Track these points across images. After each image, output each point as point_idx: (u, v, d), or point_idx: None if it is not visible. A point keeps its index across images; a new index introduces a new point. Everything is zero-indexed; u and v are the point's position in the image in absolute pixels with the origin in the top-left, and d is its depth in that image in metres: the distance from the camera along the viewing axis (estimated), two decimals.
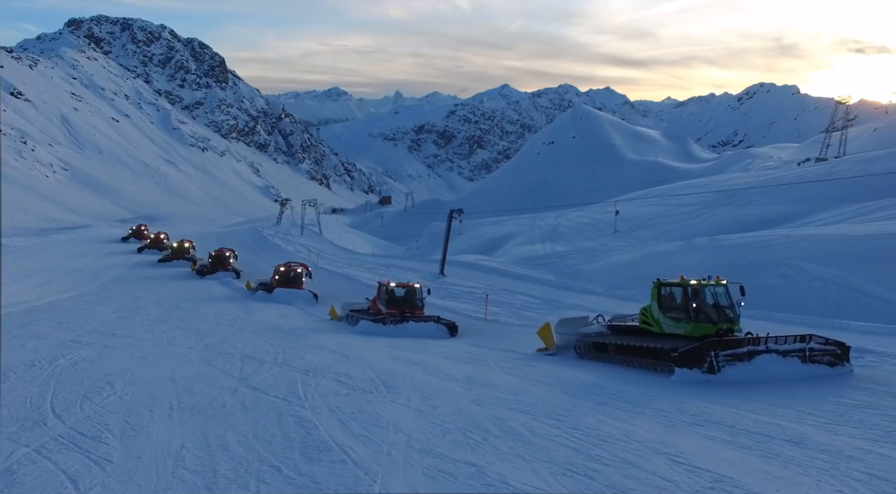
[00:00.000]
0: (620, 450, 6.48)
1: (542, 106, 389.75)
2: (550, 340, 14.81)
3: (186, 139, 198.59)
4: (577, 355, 14.28)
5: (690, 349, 11.00)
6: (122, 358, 12.70)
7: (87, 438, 7.20)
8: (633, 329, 13.67)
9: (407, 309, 20.20)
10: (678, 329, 12.36)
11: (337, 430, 7.32)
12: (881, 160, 55.51)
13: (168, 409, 8.50)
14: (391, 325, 18.75)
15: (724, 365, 10.72)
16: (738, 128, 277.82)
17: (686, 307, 12.20)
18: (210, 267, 37.49)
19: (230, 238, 64.18)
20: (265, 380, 10.42)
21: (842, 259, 27.03)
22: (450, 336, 18.63)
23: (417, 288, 21.34)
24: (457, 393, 9.36)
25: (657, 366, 12.01)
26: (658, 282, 13.31)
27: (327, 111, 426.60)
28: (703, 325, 12.00)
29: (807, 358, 11.07)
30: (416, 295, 20.96)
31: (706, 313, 12.12)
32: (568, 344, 14.65)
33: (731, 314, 12.15)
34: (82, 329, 17.09)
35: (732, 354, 10.90)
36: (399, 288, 21.17)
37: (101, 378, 10.55)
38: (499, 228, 68.10)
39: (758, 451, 6.62)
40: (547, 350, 14.79)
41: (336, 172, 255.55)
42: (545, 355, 14.57)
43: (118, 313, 21.75)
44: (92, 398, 9.12)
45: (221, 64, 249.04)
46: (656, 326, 12.83)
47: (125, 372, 11.10)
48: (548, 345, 14.83)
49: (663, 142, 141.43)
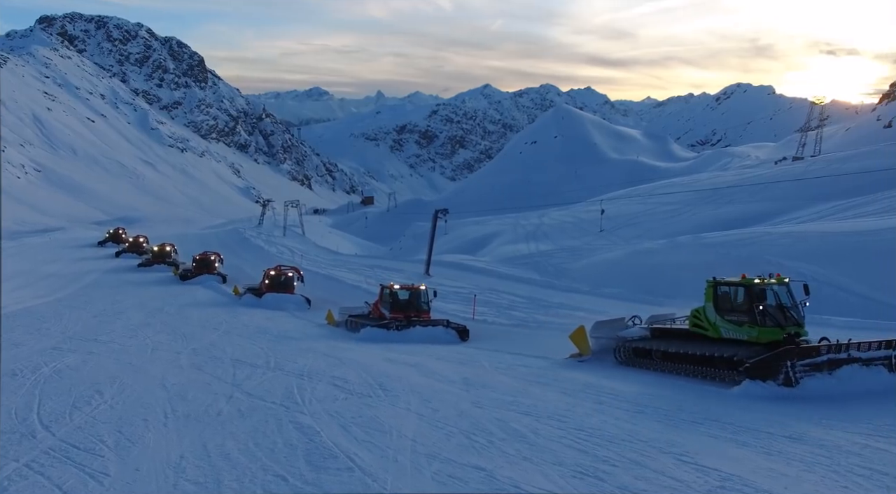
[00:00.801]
0: (626, 450, 6.50)
1: (523, 106, 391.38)
2: (585, 345, 13.48)
3: (165, 139, 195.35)
4: (616, 361, 13.04)
5: (764, 358, 9.75)
6: (108, 365, 12.34)
7: (80, 450, 6.95)
8: (680, 332, 12.43)
9: (412, 313, 19.01)
10: (740, 333, 11.12)
11: (339, 436, 7.21)
12: (854, 159, 56.83)
13: (163, 418, 8.26)
14: (396, 331, 17.65)
15: (802, 377, 9.48)
16: (716, 128, 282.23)
17: (750, 309, 10.95)
18: (194, 271, 36.29)
19: (211, 240, 63.27)
20: (260, 386, 10.22)
21: (819, 255, 27.58)
22: (460, 340, 17.53)
23: (423, 291, 20.11)
24: (455, 395, 9.30)
25: (716, 376, 10.77)
26: (714, 281, 11.94)
27: (308, 111, 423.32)
28: (770, 330, 10.81)
29: (893, 367, 9.96)
30: (422, 298, 19.74)
31: (773, 316, 10.97)
32: (605, 349, 13.39)
33: (797, 316, 11.09)
34: (63, 335, 16.60)
35: (811, 364, 9.65)
36: (403, 291, 19.92)
37: (88, 386, 10.23)
38: (482, 228, 68.23)
39: (760, 448, 6.70)
40: (581, 356, 13.47)
41: (318, 173, 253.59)
42: (578, 361, 13.29)
43: (99, 318, 21.17)
44: (81, 408, 8.82)
45: (200, 63, 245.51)
46: (712, 330, 11.55)
47: (113, 379, 10.78)
48: (582, 351, 13.50)
49: (644, 141, 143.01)
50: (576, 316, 22.70)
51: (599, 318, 14.29)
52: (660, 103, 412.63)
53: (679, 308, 14.49)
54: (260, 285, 28.48)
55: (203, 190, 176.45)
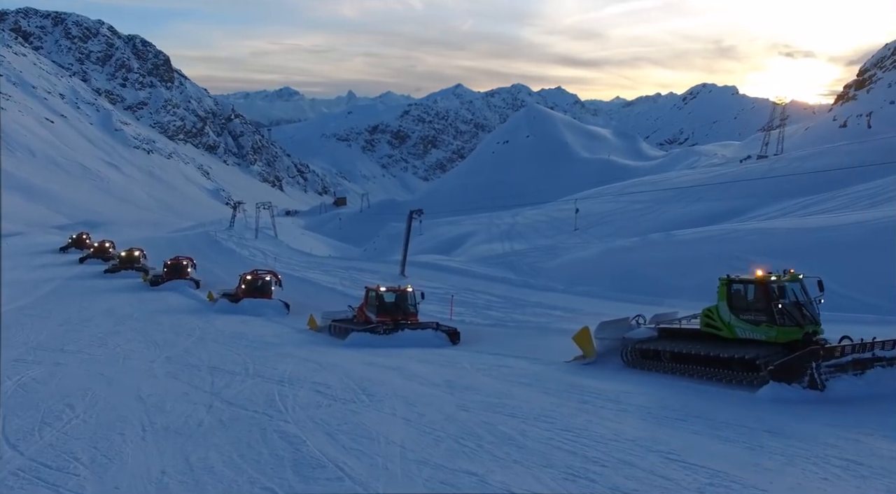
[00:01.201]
0: (615, 450, 6.55)
1: (495, 105, 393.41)
2: (590, 347, 12.87)
3: (130, 141, 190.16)
4: (623, 363, 12.52)
5: (788, 360, 9.32)
6: (78, 377, 11.81)
7: (52, 470, 6.58)
8: (690, 333, 11.89)
9: (400, 316, 18.34)
10: (757, 333, 10.65)
11: (326, 444, 7.06)
12: (814, 157, 58.78)
13: (140, 431, 7.93)
14: (384, 335, 16.99)
15: (828, 379, 9.10)
16: (683, 127, 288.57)
17: (768, 307, 10.49)
18: (165, 276, 35.06)
19: (181, 243, 61.82)
20: (240, 394, 9.95)
21: (786, 251, 28.33)
22: (451, 343, 16.98)
23: (410, 293, 19.37)
24: (440, 399, 9.25)
25: (733, 379, 10.31)
26: (727, 279, 11.35)
27: (279, 111, 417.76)
28: (789, 329, 10.38)
29: None
30: (409, 301, 19.05)
31: (791, 315, 10.52)
32: (610, 350, 12.83)
33: (813, 314, 10.71)
34: (26, 346, 15.82)
35: (835, 365, 9.27)
36: (389, 293, 19.19)
37: (58, 400, 9.74)
38: (456, 228, 68.33)
39: (742, 443, 6.83)
40: (585, 358, 12.90)
41: (289, 174, 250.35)
42: (583, 364, 12.74)
43: (65, 326, 20.32)
44: (51, 423, 8.36)
45: (166, 62, 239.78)
46: (726, 330, 11.03)
47: (85, 391, 10.32)
48: (586, 353, 12.91)
49: (614, 140, 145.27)
50: (553, 315, 22.88)
51: (603, 318, 13.56)
52: (629, 103, 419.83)
53: (681, 307, 14.16)
54: (236, 290, 27.69)
55: (171, 192, 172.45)
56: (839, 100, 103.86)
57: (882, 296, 22.77)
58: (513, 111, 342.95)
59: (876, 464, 6.10)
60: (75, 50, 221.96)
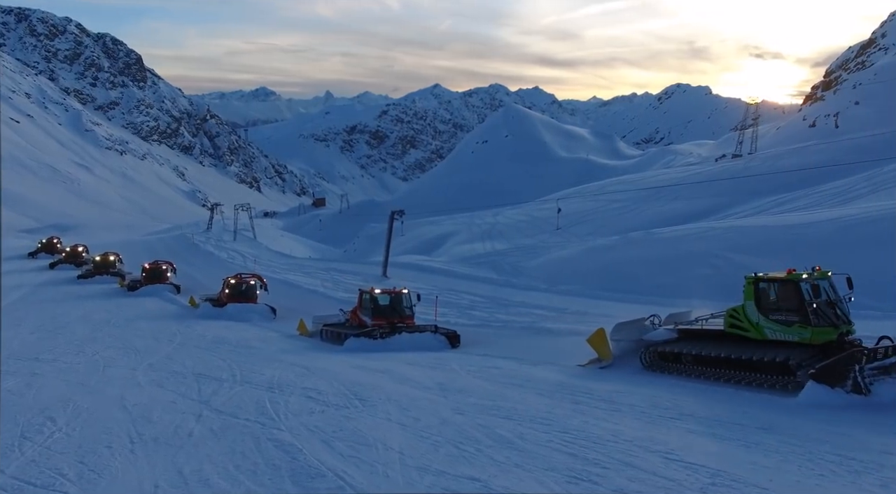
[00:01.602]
0: (614, 451, 6.57)
1: (473, 105, 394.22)
2: (606, 349, 12.31)
3: (102, 141, 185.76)
4: (642, 366, 11.99)
5: (831, 363, 8.83)
6: (56, 387, 11.33)
7: (37, 488, 6.25)
8: (712, 334, 11.32)
9: (396, 319, 17.78)
10: (789, 335, 10.14)
11: (323, 452, 6.92)
12: (786, 156, 60.19)
13: (129, 443, 7.63)
14: (381, 339, 16.35)
15: (872, 382, 8.64)
16: (658, 126, 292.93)
17: (801, 307, 10.00)
18: (144, 281, 33.88)
19: (158, 246, 60.63)
20: (229, 401, 9.71)
21: (763, 248, 28.93)
22: (451, 347, 16.42)
23: (405, 295, 18.73)
24: (434, 402, 9.17)
25: (764, 382, 9.85)
26: (755, 277, 10.78)
27: (255, 112, 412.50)
28: (824, 330, 9.91)
29: None
30: (404, 303, 18.48)
31: (825, 314, 10.07)
32: (627, 352, 12.34)
33: (845, 313, 10.33)
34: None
35: (878, 367, 8.85)
36: (384, 296, 18.56)
37: (36, 412, 9.28)
38: (437, 228, 68.30)
39: (737, 441, 6.91)
40: (601, 361, 12.30)
41: (266, 175, 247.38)
42: (599, 368, 12.16)
43: (37, 334, 19.55)
44: (32, 438, 7.92)
45: (138, 62, 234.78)
46: (754, 332, 10.50)
47: (65, 402, 9.88)
48: (602, 356, 12.33)
49: (592, 140, 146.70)
50: (536, 315, 22.96)
51: (621, 320, 12.88)
52: (605, 103, 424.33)
53: (695, 307, 13.71)
54: (219, 295, 26.88)
55: (145, 194, 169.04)
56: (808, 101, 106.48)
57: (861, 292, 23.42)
58: (491, 111, 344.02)
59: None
60: (41, 48, 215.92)
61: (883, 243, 24.65)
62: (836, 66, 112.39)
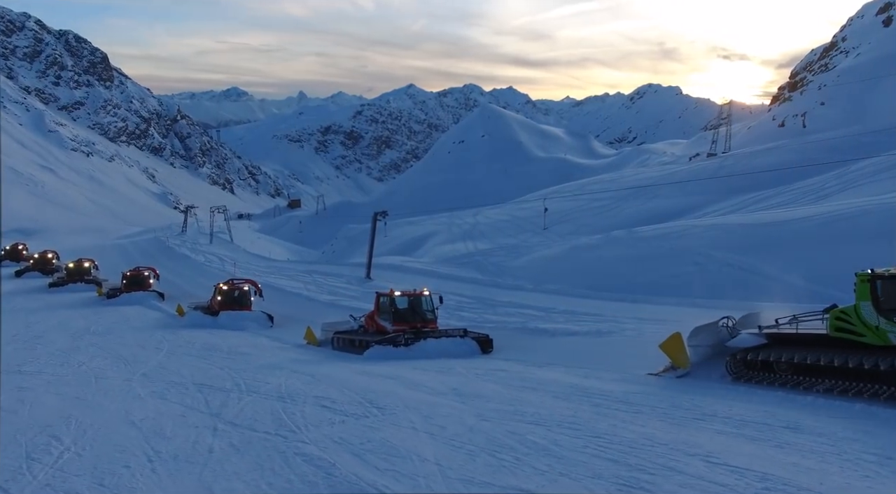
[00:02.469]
0: (654, 456, 6.43)
1: (448, 105, 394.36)
2: (683, 356, 11.07)
3: (66, 143, 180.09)
4: (729, 376, 10.76)
5: None
6: (51, 401, 10.62)
7: None
8: (812, 339, 10.17)
9: (418, 323, 16.53)
10: None
11: (357, 466, 6.57)
12: (760, 155, 61.58)
13: (147, 462, 7.12)
14: (406, 346, 15.09)
15: None
16: (631, 126, 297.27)
17: None
18: (124, 288, 32.04)
19: (132, 250, 59.06)
20: (241, 413, 9.23)
21: (743, 246, 29.48)
22: (482, 352, 15.24)
23: (426, 297, 17.37)
24: (454, 408, 8.90)
25: (883, 394, 8.81)
26: (871, 274, 9.56)
27: (227, 112, 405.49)
28: None
29: None
30: (425, 305, 17.12)
31: None
32: (707, 359, 11.18)
33: None
34: None
35: None
36: (402, 298, 17.24)
37: (38, 430, 8.57)
38: (416, 228, 68.03)
39: (770, 442, 6.83)
40: (678, 369, 11.09)
41: (240, 176, 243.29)
42: (676, 377, 10.97)
43: (13, 344, 18.50)
44: (39, 458, 7.32)
45: (104, 60, 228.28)
46: (872, 336, 9.30)
47: (66, 419, 9.20)
48: (678, 363, 11.10)
49: (567, 139, 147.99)
50: (526, 315, 22.92)
51: (698, 323, 11.57)
52: (578, 102, 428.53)
53: (762, 308, 12.75)
54: (211, 302, 25.54)
55: (114, 196, 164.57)
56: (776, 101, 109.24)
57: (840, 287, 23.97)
58: (465, 111, 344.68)
59: None
60: None
61: (860, 238, 25.35)
62: (801, 68, 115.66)
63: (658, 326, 18.18)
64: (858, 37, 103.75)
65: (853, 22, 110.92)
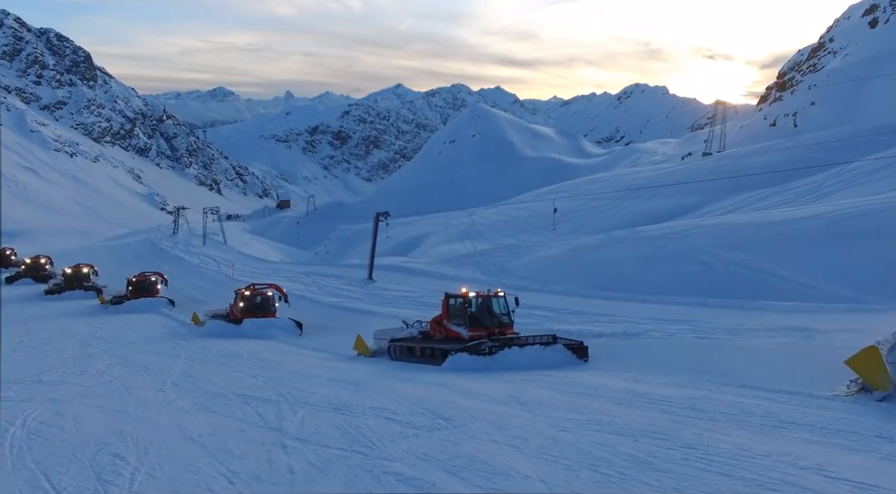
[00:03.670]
0: (762, 468, 6.12)
1: (436, 105, 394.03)
2: (882, 376, 8.82)
3: (49, 143, 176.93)
4: None
5: None
6: (93, 416, 9.81)
7: None
8: None
9: (496, 329, 14.77)
10: None
11: (457, 484, 6.13)
12: (756, 154, 62.03)
13: (228, 484, 6.55)
14: (490, 355, 13.35)
15: None
16: (619, 126, 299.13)
17: None
18: (130, 295, 30.12)
19: (124, 253, 58.02)
20: (304, 427, 8.65)
21: (749, 244, 29.52)
22: (578, 361, 13.54)
23: (502, 298, 15.51)
24: (524, 419, 8.53)
25: None
26: None
27: (213, 112, 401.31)
28: None
29: None
30: (501, 309, 15.25)
31: None
32: None
33: None
34: None
35: None
36: (476, 299, 15.32)
37: (95, 448, 7.96)
38: (412, 229, 67.64)
39: (871, 452, 6.51)
40: (875, 391, 8.83)
41: (227, 177, 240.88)
42: (876, 400, 8.67)
43: (22, 352, 17.67)
44: (112, 481, 6.76)
45: (87, 59, 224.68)
46: None
47: (119, 435, 8.56)
48: (876, 384, 8.82)
49: (557, 139, 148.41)
50: (537, 315, 22.55)
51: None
52: (565, 102, 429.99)
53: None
54: (231, 309, 23.85)
55: (99, 198, 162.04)
56: (765, 101, 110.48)
57: (846, 285, 24.05)
58: (454, 110, 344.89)
59: None
60: None
61: (867, 236, 25.49)
62: (789, 68, 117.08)
63: (679, 327, 18.03)
64: (845, 38, 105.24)
65: (840, 23, 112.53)
